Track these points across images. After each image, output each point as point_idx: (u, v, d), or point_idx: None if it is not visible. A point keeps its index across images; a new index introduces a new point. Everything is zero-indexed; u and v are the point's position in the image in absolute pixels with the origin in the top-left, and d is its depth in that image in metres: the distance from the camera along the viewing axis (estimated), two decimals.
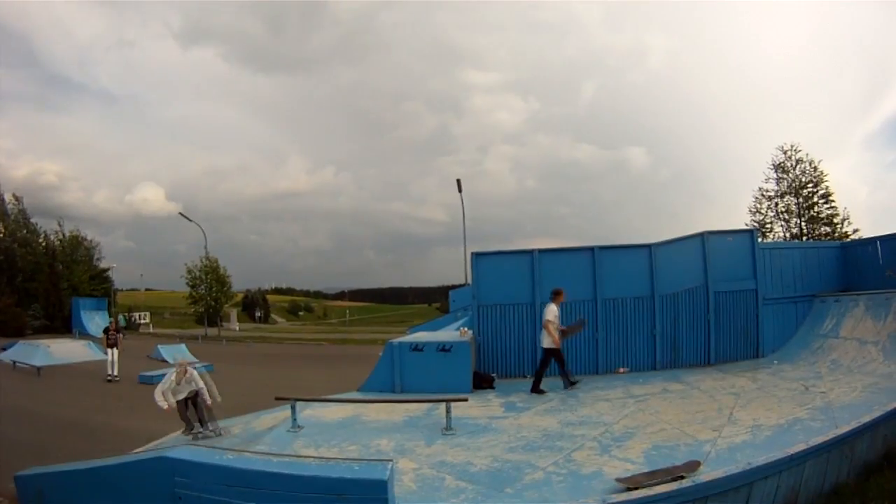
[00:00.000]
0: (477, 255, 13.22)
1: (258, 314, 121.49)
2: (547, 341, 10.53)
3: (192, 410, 9.77)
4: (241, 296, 68.95)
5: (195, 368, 10.17)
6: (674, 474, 5.08)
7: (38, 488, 7.41)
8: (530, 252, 12.92)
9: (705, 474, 5.10)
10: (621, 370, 12.09)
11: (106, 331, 21.87)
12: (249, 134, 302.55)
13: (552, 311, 10.57)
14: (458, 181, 35.55)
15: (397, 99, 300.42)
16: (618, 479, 5.15)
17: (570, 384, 10.42)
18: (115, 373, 20.41)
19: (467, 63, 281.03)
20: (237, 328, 70.02)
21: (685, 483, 4.92)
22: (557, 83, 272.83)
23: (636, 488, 4.88)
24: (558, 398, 9.83)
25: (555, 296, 10.83)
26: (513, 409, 9.16)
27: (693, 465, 5.33)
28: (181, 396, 9.54)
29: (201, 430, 9.36)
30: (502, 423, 8.24)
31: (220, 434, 9.31)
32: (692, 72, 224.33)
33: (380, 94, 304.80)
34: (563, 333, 10.77)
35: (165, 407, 9.44)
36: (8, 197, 54.71)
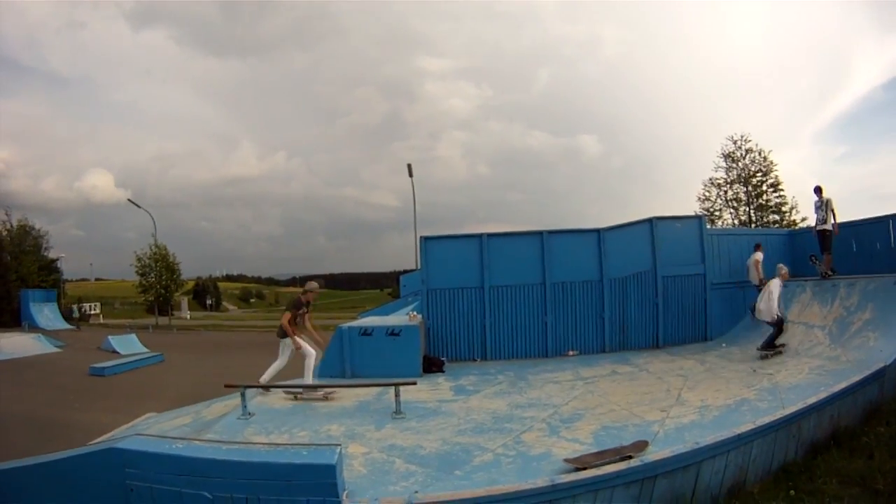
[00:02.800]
0: (426, 240, 13.18)
1: (209, 302, 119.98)
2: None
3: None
4: (192, 283, 68.18)
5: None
6: (622, 454, 5.12)
7: None
8: (479, 236, 12.94)
9: (653, 454, 5.14)
10: (571, 353, 12.19)
11: None
12: (200, 118, 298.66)
13: (776, 286, 10.36)
14: (409, 166, 35.53)
15: (350, 84, 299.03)
16: (566, 460, 5.19)
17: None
18: None
19: (422, 50, 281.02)
20: (188, 316, 69.17)
21: (633, 463, 4.96)
22: (511, 71, 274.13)
23: (585, 468, 4.90)
24: (507, 381, 9.87)
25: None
26: (462, 393, 9.20)
27: (641, 445, 5.38)
28: None
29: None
30: (452, 406, 8.25)
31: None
32: (645, 63, 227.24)
33: (333, 79, 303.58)
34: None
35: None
36: None
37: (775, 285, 10.28)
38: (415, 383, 8.68)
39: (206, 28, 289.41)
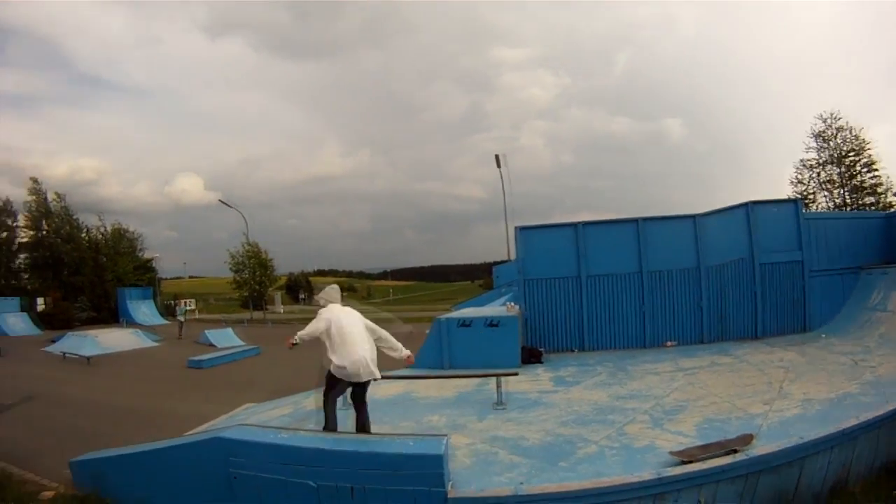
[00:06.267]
0: (521, 230, 13.13)
1: (302, 296, 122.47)
2: None
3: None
4: (284, 279, 69.82)
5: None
6: (727, 448, 5.07)
7: (93, 473, 7.59)
8: (574, 225, 12.85)
9: (758, 448, 5.07)
10: (669, 343, 12.01)
11: None
12: (282, 121, 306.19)
13: None
14: (497, 156, 35.41)
15: (427, 80, 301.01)
16: (672, 452, 5.16)
17: None
18: None
19: (497, 40, 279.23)
20: (281, 311, 70.62)
21: (739, 457, 4.90)
22: (588, 57, 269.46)
23: (691, 461, 4.88)
24: (607, 372, 9.84)
25: None
26: (562, 384, 9.18)
27: (746, 439, 5.30)
28: None
29: None
30: (553, 397, 8.27)
31: None
32: (723, 41, 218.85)
33: (409, 75, 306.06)
34: None
35: None
36: (51, 195, 56.43)
37: None
38: (516, 374, 8.77)
39: (279, 34, 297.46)
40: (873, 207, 31.55)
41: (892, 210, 25.77)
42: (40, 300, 47.81)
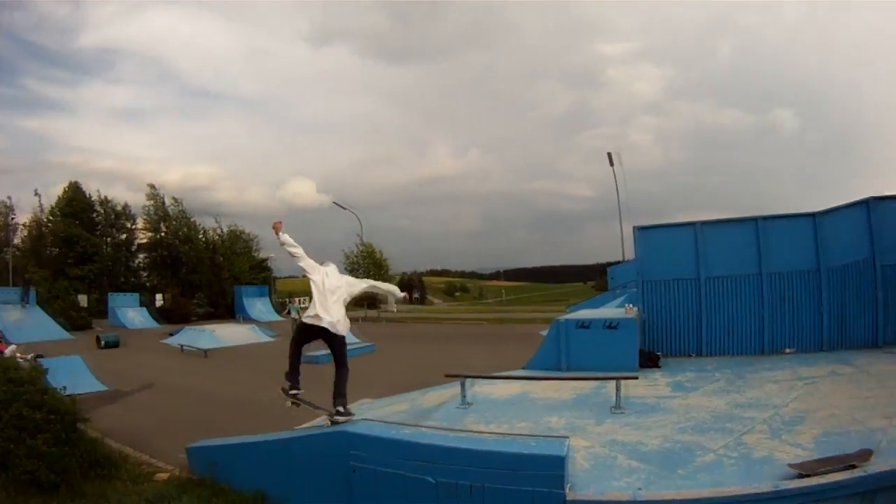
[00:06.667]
0: (640, 230, 13.02)
1: (415, 296, 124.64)
2: None
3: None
4: (398, 278, 71.19)
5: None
6: (847, 462, 5.02)
7: (209, 459, 8.11)
8: (693, 224, 12.70)
9: (877, 465, 4.99)
10: (787, 351, 11.63)
11: None
12: (391, 124, 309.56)
13: None
14: (610, 154, 35.16)
15: (532, 78, 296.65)
16: (790, 465, 5.16)
17: None
18: None
19: (598, 35, 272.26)
20: (395, 310, 71.69)
21: (857, 473, 4.85)
22: (691, 47, 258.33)
23: (809, 475, 4.88)
24: (725, 378, 9.77)
25: None
26: (680, 389, 9.17)
27: (865, 455, 5.22)
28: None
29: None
30: (671, 402, 8.28)
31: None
32: (833, 22, 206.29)
33: (514, 74, 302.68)
34: None
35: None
36: (168, 200, 60.66)
37: None
38: (636, 377, 8.80)
39: (381, 39, 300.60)
40: None
41: None
42: (159, 296, 52.24)
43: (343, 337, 8.27)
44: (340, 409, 7.71)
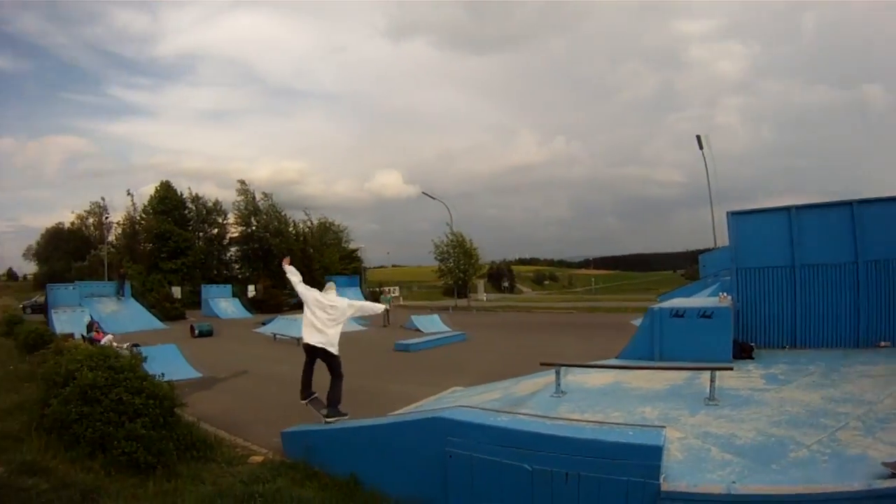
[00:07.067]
0: (733, 215, 12.86)
1: (504, 284, 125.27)
2: None
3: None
4: (486, 267, 72.15)
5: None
6: None
7: (304, 444, 8.41)
8: (787, 209, 12.40)
9: None
10: (882, 344, 11.24)
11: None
12: (475, 114, 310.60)
13: None
14: (699, 137, 34.45)
15: (614, 61, 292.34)
16: (884, 463, 5.10)
17: None
18: None
19: (679, 13, 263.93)
20: (484, 298, 72.92)
21: None
22: (775, 22, 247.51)
23: None
24: (819, 372, 9.62)
25: None
26: (774, 382, 9.07)
27: None
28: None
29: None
30: (764, 395, 8.22)
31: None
32: None
33: (596, 58, 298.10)
34: None
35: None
36: (258, 195, 62.97)
37: None
38: (731, 368, 8.77)
39: (459, 30, 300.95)
40: None
41: None
42: (251, 287, 54.24)
43: (337, 356, 9.39)
44: (333, 410, 9.19)
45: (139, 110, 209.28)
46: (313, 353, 9.41)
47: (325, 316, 9.28)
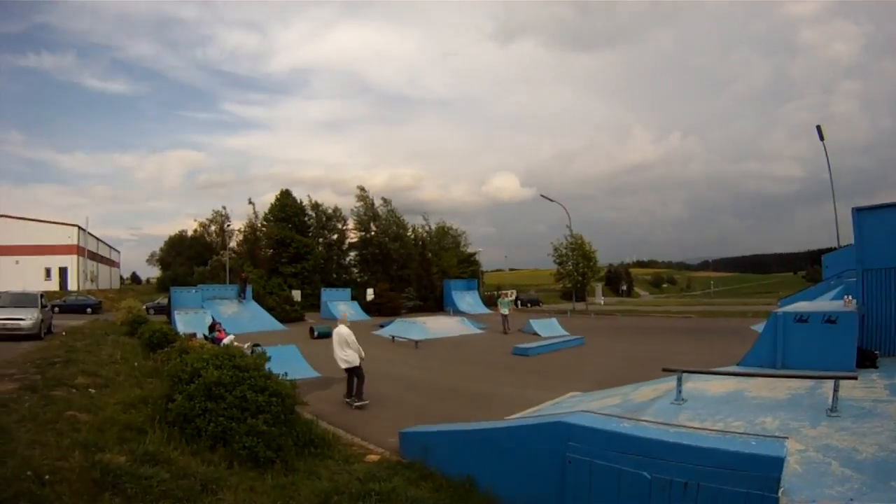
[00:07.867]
0: (858, 211, 12.07)
1: (622, 288, 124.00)
2: None
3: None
4: (603, 270, 71.89)
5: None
6: None
7: (421, 444, 8.78)
8: None
9: None
10: None
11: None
12: (587, 113, 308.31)
13: None
14: (819, 128, 33.14)
15: (724, 50, 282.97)
16: None
17: None
18: None
19: None
20: (602, 302, 72.79)
21: None
22: None
23: None
24: None
25: None
26: None
27: None
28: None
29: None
30: (888, 407, 7.93)
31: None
32: None
33: (705, 48, 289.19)
34: None
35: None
36: (377, 201, 64.70)
37: None
38: (855, 378, 8.40)
39: (565, 28, 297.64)
40: None
41: None
42: (369, 291, 56.25)
43: (360, 367, 14.01)
44: (357, 401, 13.76)
45: (256, 124, 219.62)
46: (347, 369, 14.12)
47: (345, 345, 14.39)
